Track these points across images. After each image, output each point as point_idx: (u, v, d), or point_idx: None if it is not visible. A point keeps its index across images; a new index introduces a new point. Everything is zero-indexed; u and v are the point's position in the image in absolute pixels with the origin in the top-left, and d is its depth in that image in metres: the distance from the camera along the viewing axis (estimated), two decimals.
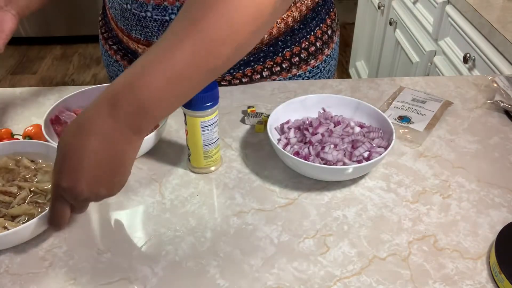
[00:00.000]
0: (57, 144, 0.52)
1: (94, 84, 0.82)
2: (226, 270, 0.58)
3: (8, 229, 0.58)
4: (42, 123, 0.72)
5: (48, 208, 0.57)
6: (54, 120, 0.74)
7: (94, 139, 0.49)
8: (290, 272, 0.58)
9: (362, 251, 0.61)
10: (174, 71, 0.49)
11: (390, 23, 2.03)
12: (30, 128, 0.75)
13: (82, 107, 0.79)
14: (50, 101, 0.88)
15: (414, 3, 1.83)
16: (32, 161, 0.69)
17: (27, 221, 0.60)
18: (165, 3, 0.78)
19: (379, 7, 2.16)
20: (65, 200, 0.53)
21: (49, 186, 0.65)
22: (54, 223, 0.55)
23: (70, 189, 0.51)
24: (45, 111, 0.75)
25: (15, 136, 0.76)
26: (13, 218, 0.61)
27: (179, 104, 0.53)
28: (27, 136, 0.75)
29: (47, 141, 0.73)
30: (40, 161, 0.69)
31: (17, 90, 0.92)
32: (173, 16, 0.79)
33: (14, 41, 3.42)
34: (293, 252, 0.60)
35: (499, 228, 0.62)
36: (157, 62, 0.49)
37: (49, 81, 2.84)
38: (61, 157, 0.51)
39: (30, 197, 0.64)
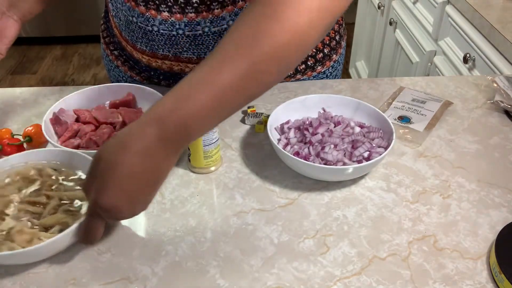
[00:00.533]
0: (93, 160, 0.52)
1: (94, 84, 0.82)
2: (226, 270, 0.58)
3: (43, 240, 0.56)
4: (42, 123, 0.72)
5: (82, 218, 0.56)
6: (54, 120, 0.74)
7: (137, 157, 0.49)
8: (290, 272, 0.58)
9: (362, 251, 0.61)
10: (218, 95, 0.50)
11: (390, 23, 2.03)
12: (30, 128, 0.75)
13: (82, 107, 0.79)
14: (50, 101, 0.88)
15: (414, 3, 1.83)
16: (54, 169, 0.66)
17: (61, 231, 0.57)
18: (172, 18, 0.77)
19: (379, 7, 2.16)
20: (101, 217, 0.53)
21: (77, 193, 0.63)
22: (88, 240, 0.55)
23: (112, 208, 0.50)
24: (45, 111, 0.75)
25: (15, 136, 0.76)
26: (46, 228, 0.59)
27: (214, 126, 0.53)
28: (27, 136, 0.75)
29: (47, 141, 0.73)
30: (63, 169, 0.66)
31: (17, 90, 0.92)
32: (180, 32, 0.78)
33: (14, 41, 3.43)
34: (293, 252, 0.60)
35: (499, 228, 0.62)
36: (204, 83, 0.50)
37: (49, 81, 2.84)
38: (101, 174, 0.50)
39: (60, 206, 0.61)
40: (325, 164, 0.69)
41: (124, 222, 0.64)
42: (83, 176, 0.65)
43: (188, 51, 0.80)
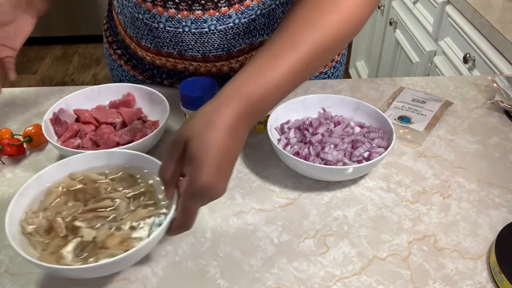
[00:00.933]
0: (177, 142, 0.51)
1: (94, 84, 0.82)
2: (226, 270, 0.58)
3: (136, 239, 0.54)
4: (42, 123, 0.72)
5: (174, 207, 0.54)
6: (54, 120, 0.74)
7: (226, 133, 0.51)
8: (290, 272, 0.58)
9: (362, 251, 0.61)
10: (293, 70, 0.56)
11: (390, 23, 2.03)
12: (30, 128, 0.75)
13: (82, 107, 0.79)
14: (50, 101, 0.88)
15: (414, 3, 1.83)
16: (97, 173, 0.64)
17: (150, 226, 0.56)
18: (179, 15, 0.77)
19: (379, 7, 2.16)
20: (197, 199, 0.52)
21: (140, 187, 0.61)
22: (186, 225, 0.54)
23: (210, 187, 0.50)
24: (45, 111, 0.75)
25: (15, 136, 0.76)
26: (131, 229, 0.56)
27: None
28: (27, 136, 0.75)
29: (47, 141, 0.73)
30: (106, 171, 0.64)
31: (17, 90, 0.92)
32: (186, 29, 0.78)
33: None
34: (293, 252, 0.60)
35: (499, 228, 0.62)
36: (279, 60, 0.55)
37: (49, 81, 2.84)
38: (195, 154, 0.50)
39: (134, 202, 0.59)
40: (325, 164, 0.69)
41: None
42: (132, 172, 0.63)
43: (193, 49, 0.81)
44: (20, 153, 0.75)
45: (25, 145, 0.76)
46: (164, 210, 0.58)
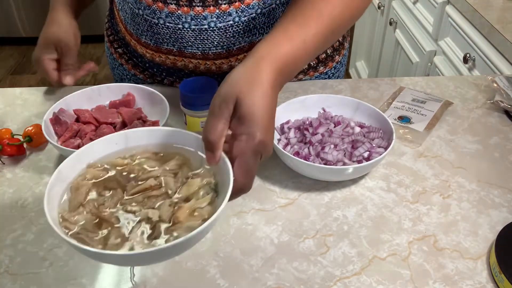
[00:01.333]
0: (227, 102, 0.51)
1: (94, 84, 0.82)
2: (226, 270, 0.58)
3: (204, 208, 0.51)
4: (42, 123, 0.72)
5: (231, 172, 0.52)
6: (54, 120, 0.74)
7: (271, 92, 0.53)
8: (290, 272, 0.58)
9: (362, 251, 0.61)
10: (317, 37, 0.61)
11: (390, 23, 2.03)
12: (30, 128, 0.75)
13: (82, 107, 0.79)
14: (50, 101, 0.88)
15: (414, 3, 1.83)
16: (120, 158, 0.59)
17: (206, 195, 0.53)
18: (179, 11, 0.77)
19: (379, 7, 2.16)
20: (259, 157, 0.52)
21: (175, 163, 0.57)
22: (248, 186, 0.53)
23: (269, 142, 0.52)
24: (45, 111, 0.75)
25: (15, 136, 0.76)
26: (192, 200, 0.53)
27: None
28: (27, 136, 0.75)
29: (47, 141, 0.73)
30: (126, 155, 0.59)
31: (17, 90, 0.92)
32: (186, 25, 0.78)
33: (14, 41, 3.43)
34: (293, 252, 0.60)
35: (499, 228, 0.62)
36: (305, 28, 0.60)
37: (49, 81, 2.84)
38: (250, 112, 0.51)
39: (179, 176, 0.56)
40: (325, 164, 0.69)
41: None
42: (154, 150, 0.59)
43: (192, 45, 0.81)
44: (20, 153, 0.75)
45: (25, 145, 0.76)
46: (212, 178, 0.55)
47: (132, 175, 0.56)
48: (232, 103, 0.51)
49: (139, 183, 0.55)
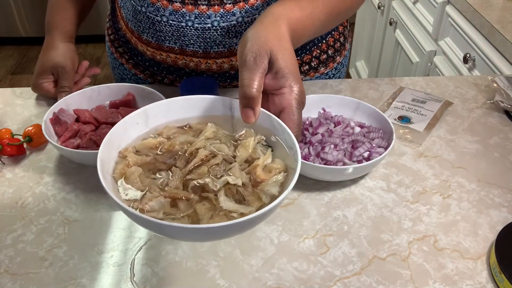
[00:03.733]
0: (260, 57, 0.53)
1: (94, 84, 0.82)
2: (226, 270, 0.58)
3: (280, 168, 0.51)
4: (42, 123, 0.72)
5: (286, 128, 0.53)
6: (54, 120, 0.74)
7: (292, 45, 0.58)
8: (290, 272, 0.58)
9: (362, 251, 0.61)
10: (324, 11, 0.67)
11: (390, 23, 2.03)
12: (30, 128, 0.75)
13: (82, 107, 0.79)
14: (50, 101, 0.88)
15: (414, 3, 1.83)
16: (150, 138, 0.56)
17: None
18: (184, 9, 0.77)
19: (379, 7, 2.16)
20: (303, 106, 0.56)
21: (212, 131, 0.56)
22: (300, 135, 0.55)
23: (304, 91, 0.55)
24: (45, 111, 0.75)
25: (15, 136, 0.76)
26: (248, 163, 0.52)
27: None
28: (27, 136, 0.75)
29: (47, 141, 0.73)
30: (157, 135, 0.56)
31: (17, 90, 0.92)
32: (189, 23, 0.78)
33: (14, 41, 3.44)
34: (293, 252, 0.60)
35: (499, 228, 0.62)
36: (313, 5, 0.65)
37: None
38: (290, 65, 0.54)
39: (227, 141, 0.55)
40: (325, 164, 0.69)
41: (124, 222, 0.64)
42: (179, 125, 0.57)
43: (194, 44, 0.81)
44: (20, 153, 0.75)
45: (25, 145, 0.76)
46: (259, 136, 0.55)
47: (174, 153, 0.54)
48: (267, 58, 0.54)
49: (189, 157, 0.53)
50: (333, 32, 0.91)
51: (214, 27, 0.78)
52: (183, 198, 0.49)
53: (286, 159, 0.52)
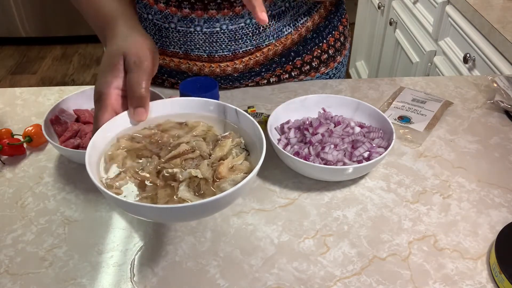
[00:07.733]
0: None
1: (94, 84, 0.82)
2: (226, 270, 0.58)
3: (241, 165, 0.55)
4: (42, 123, 0.72)
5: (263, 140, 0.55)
6: (54, 120, 0.74)
7: None
8: (290, 272, 0.58)
9: (362, 251, 0.61)
10: None
11: (390, 23, 2.03)
12: (30, 128, 0.75)
13: (82, 107, 0.79)
14: (50, 101, 0.88)
15: (414, 3, 1.83)
16: (146, 128, 0.61)
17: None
18: (193, 15, 0.77)
19: (379, 7, 2.16)
20: None
21: (201, 129, 0.60)
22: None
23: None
24: (45, 111, 0.75)
25: (15, 136, 0.76)
26: (221, 160, 0.56)
27: None
28: (27, 136, 0.75)
29: (47, 141, 0.73)
30: (151, 125, 0.61)
31: (17, 90, 0.92)
32: (198, 28, 0.78)
33: (14, 41, 3.44)
34: (293, 252, 0.60)
35: (499, 228, 0.62)
36: None
37: (49, 81, 2.84)
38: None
39: (208, 140, 0.59)
40: (325, 164, 0.69)
41: (124, 222, 0.64)
42: (179, 120, 0.62)
43: (200, 48, 0.81)
44: (20, 153, 0.75)
45: (25, 145, 0.76)
46: (241, 139, 0.59)
47: (162, 143, 0.59)
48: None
49: (172, 149, 0.58)
50: (333, 32, 0.91)
51: (222, 30, 0.79)
52: (150, 182, 0.54)
53: (257, 163, 0.55)
